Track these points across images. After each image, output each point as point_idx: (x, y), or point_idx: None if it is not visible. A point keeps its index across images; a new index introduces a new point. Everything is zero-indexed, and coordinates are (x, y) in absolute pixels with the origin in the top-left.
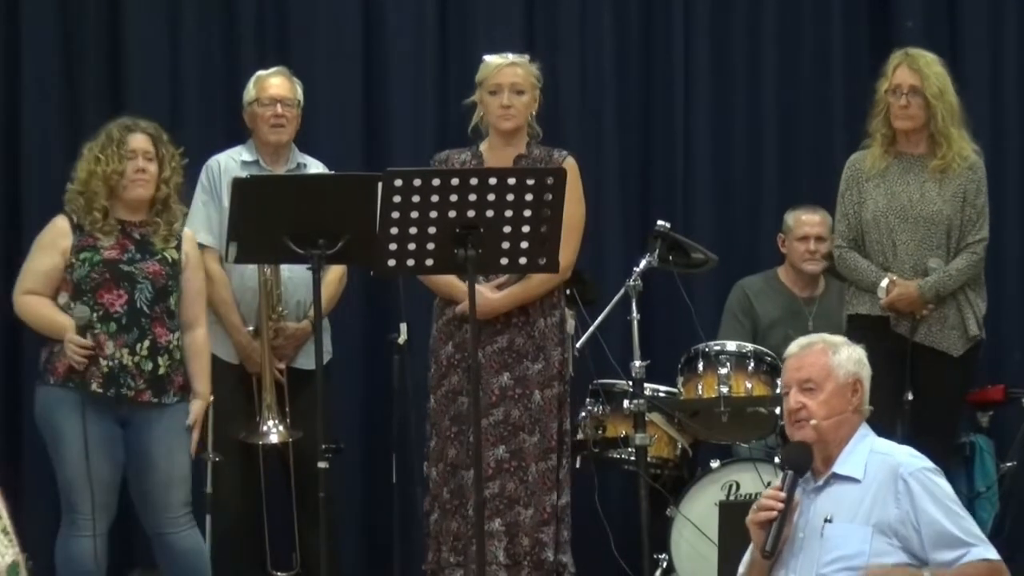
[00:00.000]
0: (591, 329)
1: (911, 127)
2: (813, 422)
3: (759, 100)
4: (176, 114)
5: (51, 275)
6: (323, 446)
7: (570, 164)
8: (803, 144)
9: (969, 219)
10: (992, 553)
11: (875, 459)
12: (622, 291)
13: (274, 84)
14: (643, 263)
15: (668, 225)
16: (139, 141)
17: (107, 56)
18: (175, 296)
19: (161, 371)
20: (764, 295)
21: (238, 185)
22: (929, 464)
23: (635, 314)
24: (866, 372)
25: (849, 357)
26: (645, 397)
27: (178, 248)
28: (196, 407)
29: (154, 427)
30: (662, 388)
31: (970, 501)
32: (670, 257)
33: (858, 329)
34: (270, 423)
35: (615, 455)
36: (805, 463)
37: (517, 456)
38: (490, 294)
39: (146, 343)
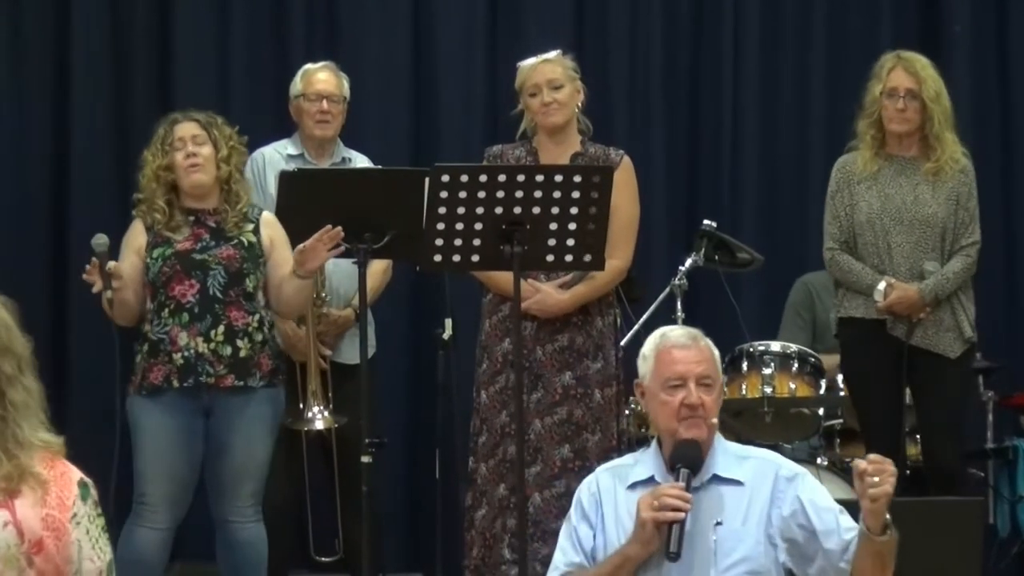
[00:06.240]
0: (636, 327)
1: (906, 130)
2: (712, 420)
3: (807, 101)
4: (224, 113)
5: (132, 275)
6: (367, 440)
7: (626, 163)
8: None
9: (962, 222)
10: None
11: (750, 462)
12: (667, 290)
13: (321, 80)
14: (688, 262)
15: (714, 224)
16: (185, 129)
17: (156, 55)
18: (252, 279)
19: (243, 353)
20: (828, 292)
21: (285, 179)
22: (801, 467)
23: (680, 313)
24: None
25: (719, 357)
26: None
27: (255, 232)
28: None
29: (236, 417)
30: None
31: (1012, 505)
32: (716, 256)
33: (851, 332)
34: (315, 409)
35: None
36: (699, 461)
37: (581, 456)
38: (557, 294)
39: (220, 328)
